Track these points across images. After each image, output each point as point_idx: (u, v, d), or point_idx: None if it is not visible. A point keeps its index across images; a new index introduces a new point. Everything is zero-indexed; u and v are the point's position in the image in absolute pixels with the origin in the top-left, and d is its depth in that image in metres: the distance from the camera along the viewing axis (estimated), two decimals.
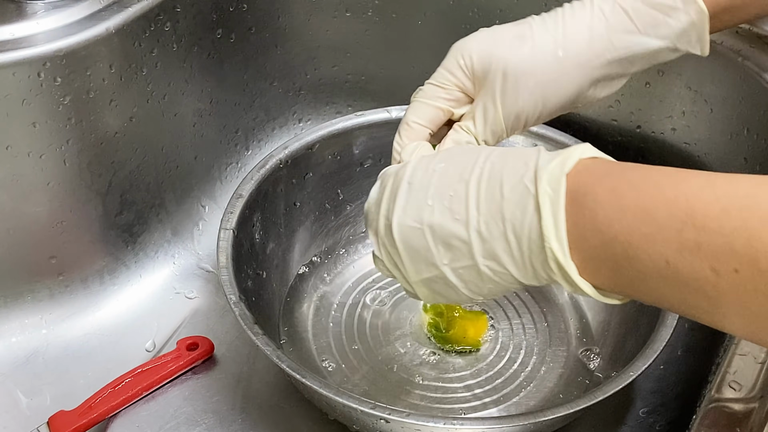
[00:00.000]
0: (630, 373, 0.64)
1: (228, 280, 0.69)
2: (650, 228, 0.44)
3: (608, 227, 0.46)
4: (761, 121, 0.75)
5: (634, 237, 0.45)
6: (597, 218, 0.46)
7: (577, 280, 0.48)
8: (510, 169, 0.50)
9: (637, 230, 0.45)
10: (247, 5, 0.86)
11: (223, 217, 0.73)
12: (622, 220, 0.45)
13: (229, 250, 0.71)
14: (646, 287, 0.46)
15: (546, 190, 0.48)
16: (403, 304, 0.80)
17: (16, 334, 0.80)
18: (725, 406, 0.56)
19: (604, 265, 0.47)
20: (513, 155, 0.51)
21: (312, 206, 0.82)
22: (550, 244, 0.47)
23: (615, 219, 0.46)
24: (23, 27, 0.72)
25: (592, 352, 0.77)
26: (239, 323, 0.66)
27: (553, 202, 0.48)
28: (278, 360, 0.64)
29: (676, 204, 0.44)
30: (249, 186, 0.76)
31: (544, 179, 0.48)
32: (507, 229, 0.49)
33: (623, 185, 0.46)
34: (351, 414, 0.64)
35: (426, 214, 0.53)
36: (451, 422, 0.61)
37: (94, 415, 0.72)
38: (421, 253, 0.53)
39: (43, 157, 0.75)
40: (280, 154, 0.79)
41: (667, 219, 0.44)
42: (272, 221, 0.79)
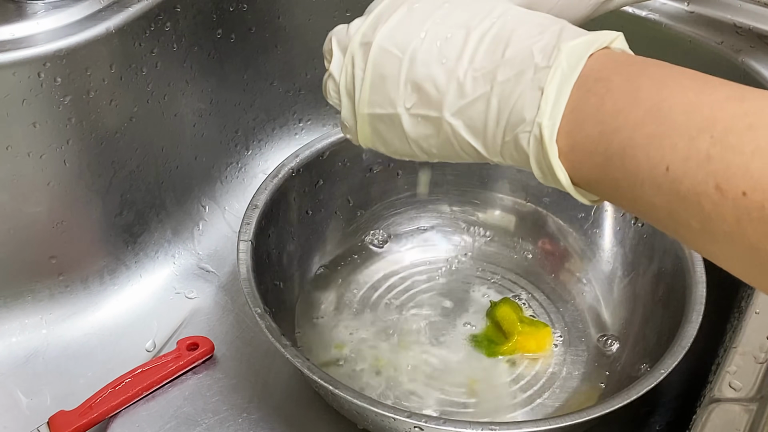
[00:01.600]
0: (661, 371, 0.64)
1: (251, 293, 0.69)
2: (661, 128, 0.41)
3: (613, 118, 0.42)
4: None
5: (639, 134, 0.41)
6: (603, 107, 0.43)
7: (555, 164, 0.44)
8: (522, 32, 0.46)
9: (644, 127, 0.41)
10: (247, 5, 0.86)
11: (240, 229, 0.73)
12: (631, 114, 0.42)
13: (248, 262, 0.71)
14: (633, 191, 0.42)
15: (561, 64, 0.44)
16: (417, 308, 0.80)
17: (16, 334, 0.80)
18: (725, 406, 0.56)
19: (592, 159, 0.43)
20: (531, 20, 0.47)
21: (324, 214, 0.82)
22: (540, 119, 0.44)
23: (623, 110, 0.42)
24: (23, 27, 0.72)
25: (613, 351, 0.77)
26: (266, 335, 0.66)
27: (564, 78, 0.44)
28: (309, 372, 0.63)
29: (698, 109, 0.40)
30: (264, 196, 0.76)
31: (564, 52, 0.44)
32: (493, 92, 0.45)
33: (642, 78, 0.43)
34: (384, 423, 0.63)
35: (414, 44, 0.47)
36: (489, 428, 0.60)
37: (94, 415, 0.72)
38: (388, 84, 0.48)
39: (43, 157, 0.75)
40: (292, 162, 0.79)
41: (683, 122, 0.40)
42: (286, 230, 0.79)
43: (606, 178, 0.43)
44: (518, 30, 0.46)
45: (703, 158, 0.39)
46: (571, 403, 0.73)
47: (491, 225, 0.86)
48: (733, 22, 0.78)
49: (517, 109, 0.45)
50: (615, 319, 0.79)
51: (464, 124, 0.47)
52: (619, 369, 0.75)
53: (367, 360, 0.76)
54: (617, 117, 0.42)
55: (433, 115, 0.48)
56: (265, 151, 0.94)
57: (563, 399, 0.74)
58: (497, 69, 0.45)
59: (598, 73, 0.44)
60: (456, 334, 0.78)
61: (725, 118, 0.39)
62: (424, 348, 0.77)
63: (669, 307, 0.71)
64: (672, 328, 0.67)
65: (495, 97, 0.45)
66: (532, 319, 0.79)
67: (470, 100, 0.46)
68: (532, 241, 0.85)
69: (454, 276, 0.83)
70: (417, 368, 0.76)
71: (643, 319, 0.76)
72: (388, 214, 0.86)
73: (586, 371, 0.76)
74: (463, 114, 0.47)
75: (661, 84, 0.42)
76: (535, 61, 0.45)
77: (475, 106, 0.46)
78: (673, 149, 0.40)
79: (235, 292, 0.84)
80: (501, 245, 0.86)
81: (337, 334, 0.78)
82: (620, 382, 0.72)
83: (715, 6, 0.79)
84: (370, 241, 0.85)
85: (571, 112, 0.44)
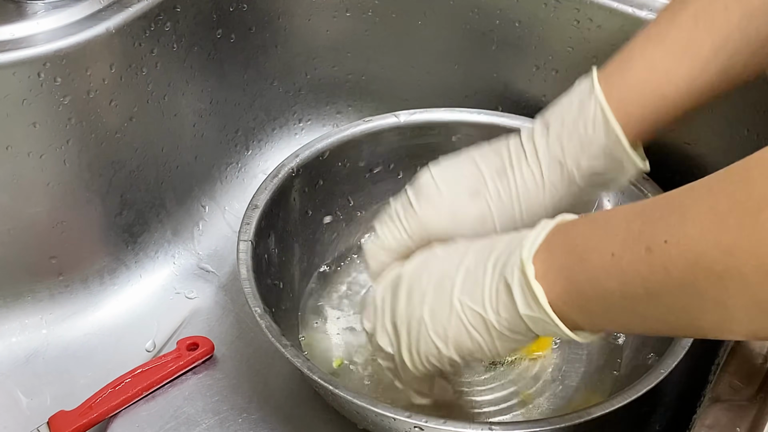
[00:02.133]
0: (661, 371, 0.64)
1: (251, 293, 0.68)
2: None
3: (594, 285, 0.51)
4: (761, 121, 0.75)
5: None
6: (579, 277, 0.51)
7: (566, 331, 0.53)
8: (495, 257, 0.56)
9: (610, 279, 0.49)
10: (247, 5, 0.86)
11: (240, 229, 0.73)
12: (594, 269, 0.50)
13: (249, 262, 0.71)
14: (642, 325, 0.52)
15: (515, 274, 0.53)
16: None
17: (16, 334, 0.80)
18: (725, 405, 0.56)
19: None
20: (489, 245, 0.57)
21: (323, 214, 0.82)
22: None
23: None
24: (23, 27, 0.72)
25: (615, 346, 0.76)
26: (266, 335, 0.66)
27: (521, 283, 0.53)
28: (309, 372, 0.63)
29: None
30: (264, 196, 0.76)
31: (525, 250, 0.53)
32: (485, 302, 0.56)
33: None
34: (384, 423, 0.63)
35: (422, 329, 0.59)
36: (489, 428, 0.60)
37: (94, 415, 0.72)
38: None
39: (43, 157, 0.75)
40: (292, 162, 0.79)
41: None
42: (286, 230, 0.78)
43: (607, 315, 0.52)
44: (491, 256, 0.56)
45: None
46: (574, 402, 0.73)
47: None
48: None
49: (502, 300, 0.55)
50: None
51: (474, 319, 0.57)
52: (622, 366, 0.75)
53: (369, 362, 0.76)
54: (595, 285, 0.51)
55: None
56: (265, 151, 0.94)
57: (565, 398, 0.74)
58: (483, 285, 0.56)
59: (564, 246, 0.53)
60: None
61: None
62: None
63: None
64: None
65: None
66: None
67: (471, 305, 0.57)
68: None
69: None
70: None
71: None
72: None
73: (586, 370, 0.76)
74: (470, 314, 0.57)
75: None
76: (505, 278, 0.54)
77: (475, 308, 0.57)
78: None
79: (235, 292, 0.84)
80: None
81: (338, 338, 0.78)
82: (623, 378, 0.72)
83: None
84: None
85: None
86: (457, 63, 0.90)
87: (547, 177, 0.63)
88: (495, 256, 0.56)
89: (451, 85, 0.90)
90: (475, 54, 0.88)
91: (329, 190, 0.82)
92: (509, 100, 0.79)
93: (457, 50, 0.89)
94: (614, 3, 0.79)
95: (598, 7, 0.80)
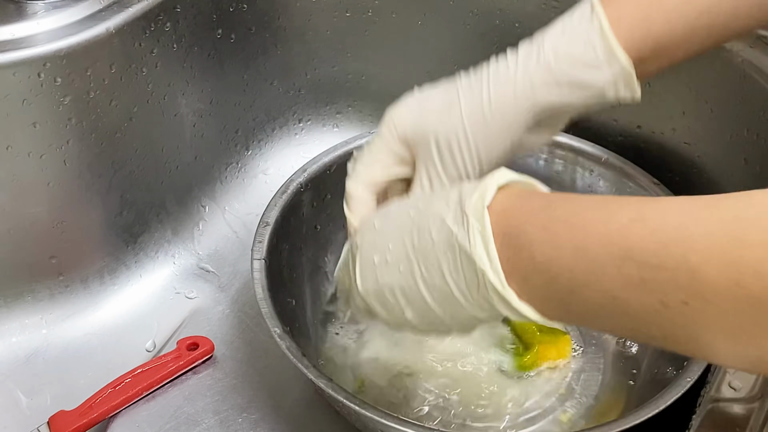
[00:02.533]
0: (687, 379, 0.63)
1: (269, 312, 0.68)
2: (590, 265, 0.44)
3: (548, 266, 0.46)
4: (761, 121, 0.75)
5: (576, 274, 0.45)
6: (535, 258, 0.46)
7: (519, 306, 0.48)
8: (434, 212, 0.52)
9: (577, 268, 0.45)
10: (247, 5, 0.86)
11: (253, 247, 0.73)
12: (561, 259, 0.45)
13: (263, 281, 0.70)
14: (597, 321, 0.47)
15: (474, 225, 0.48)
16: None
17: (16, 334, 0.80)
18: (725, 406, 0.56)
19: (552, 302, 0.47)
20: (436, 197, 0.53)
21: (332, 228, 0.81)
22: (487, 277, 0.48)
23: (553, 258, 0.46)
24: (23, 27, 0.72)
25: (630, 355, 0.76)
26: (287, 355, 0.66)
27: (483, 236, 0.48)
28: (334, 392, 0.63)
29: (610, 240, 0.44)
30: (274, 213, 0.75)
31: (470, 214, 0.49)
32: (444, 271, 0.50)
33: (554, 223, 0.46)
34: None
35: (379, 274, 0.55)
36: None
37: (94, 415, 0.72)
38: (392, 305, 0.55)
39: (43, 157, 0.75)
40: (300, 177, 0.79)
41: (605, 256, 0.44)
42: (297, 246, 0.78)
43: (572, 314, 0.47)
44: (430, 212, 0.52)
45: (637, 282, 0.42)
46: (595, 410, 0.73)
47: None
48: None
49: (468, 276, 0.49)
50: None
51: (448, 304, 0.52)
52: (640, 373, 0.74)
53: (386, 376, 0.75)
54: (551, 266, 0.46)
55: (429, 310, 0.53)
56: (265, 151, 0.94)
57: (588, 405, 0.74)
58: (436, 253, 0.51)
59: (516, 228, 0.48)
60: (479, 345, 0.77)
61: (637, 241, 0.43)
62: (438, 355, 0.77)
63: None
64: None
65: (449, 276, 0.50)
66: (549, 327, 0.78)
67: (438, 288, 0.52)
68: None
69: None
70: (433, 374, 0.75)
71: None
72: None
73: (604, 378, 0.75)
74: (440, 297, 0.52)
75: (571, 225, 0.46)
76: (454, 233, 0.49)
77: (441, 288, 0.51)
78: (610, 280, 0.43)
79: (235, 292, 0.84)
80: None
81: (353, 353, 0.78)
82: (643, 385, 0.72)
83: None
84: None
85: (513, 268, 0.47)
86: (457, 63, 0.89)
87: (521, 61, 0.61)
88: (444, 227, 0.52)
89: None
90: (475, 54, 0.87)
91: (337, 204, 0.81)
92: None
93: (457, 50, 0.89)
94: None
95: None
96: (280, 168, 0.93)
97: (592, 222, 0.45)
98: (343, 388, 0.64)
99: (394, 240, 0.54)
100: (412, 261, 0.52)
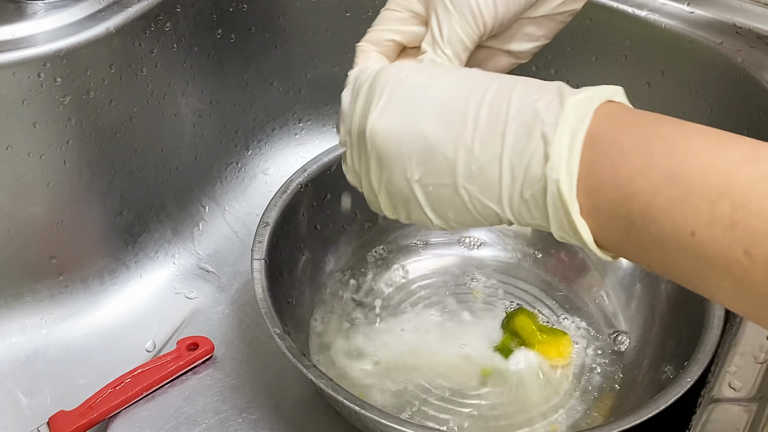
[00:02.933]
0: (687, 379, 0.63)
1: (269, 313, 0.68)
2: (680, 192, 0.40)
3: (630, 182, 0.42)
4: (761, 121, 0.75)
5: (659, 198, 0.41)
6: (618, 169, 0.42)
7: (578, 221, 0.44)
8: (521, 92, 0.46)
9: (663, 191, 0.41)
10: (247, 5, 0.86)
11: (253, 247, 0.72)
12: (648, 177, 0.41)
13: (263, 282, 0.70)
14: (659, 254, 0.42)
15: (568, 119, 0.44)
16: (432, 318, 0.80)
17: (16, 334, 0.80)
18: (725, 406, 0.56)
19: (615, 222, 0.43)
20: (526, 82, 0.47)
21: (332, 228, 0.82)
22: (558, 175, 0.43)
23: (639, 174, 0.42)
24: (23, 27, 0.72)
25: (630, 355, 0.76)
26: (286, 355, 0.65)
27: (574, 133, 0.43)
28: (333, 392, 0.63)
29: (715, 173, 0.40)
30: (274, 213, 0.75)
31: (568, 107, 0.44)
32: (504, 152, 0.45)
33: (655, 139, 0.42)
34: None
35: (411, 118, 0.48)
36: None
37: (94, 415, 0.72)
38: (394, 161, 0.49)
39: (43, 157, 0.75)
40: (300, 177, 0.78)
41: (701, 187, 0.40)
42: (296, 246, 0.78)
43: (630, 240, 0.43)
44: (516, 90, 0.46)
45: (727, 223, 0.39)
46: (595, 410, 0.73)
47: (506, 236, 0.86)
48: (733, 22, 0.78)
49: (533, 167, 0.44)
50: (632, 326, 0.78)
51: (479, 188, 0.47)
52: (642, 373, 0.75)
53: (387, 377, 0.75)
54: (634, 180, 0.42)
55: (446, 183, 0.48)
56: (265, 151, 0.94)
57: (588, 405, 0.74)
58: (505, 129, 0.45)
59: (609, 134, 0.43)
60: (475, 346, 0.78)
61: (743, 181, 0.39)
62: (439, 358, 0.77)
63: (686, 314, 0.71)
64: (692, 335, 0.67)
65: (507, 158, 0.45)
66: (549, 327, 0.78)
67: (482, 164, 0.46)
68: (549, 253, 0.84)
69: (467, 288, 0.82)
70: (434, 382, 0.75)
71: (660, 328, 0.75)
72: (396, 227, 0.85)
73: (604, 378, 0.76)
74: (476, 178, 0.46)
75: (673, 146, 0.42)
76: (542, 118, 0.44)
77: (487, 168, 0.46)
78: (696, 214, 0.40)
79: (235, 292, 0.84)
80: (515, 257, 0.85)
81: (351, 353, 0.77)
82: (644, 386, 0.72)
83: (715, 6, 0.79)
84: (379, 255, 0.85)
85: (588, 172, 0.43)
86: None
87: None
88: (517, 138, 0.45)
89: None
90: None
91: (337, 204, 0.82)
92: None
93: None
94: (614, 3, 0.79)
95: (598, 7, 0.80)
96: (280, 168, 0.93)
97: (697, 149, 0.41)
98: (343, 388, 0.64)
99: (455, 98, 0.47)
100: (468, 127, 0.46)
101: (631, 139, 0.43)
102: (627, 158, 0.42)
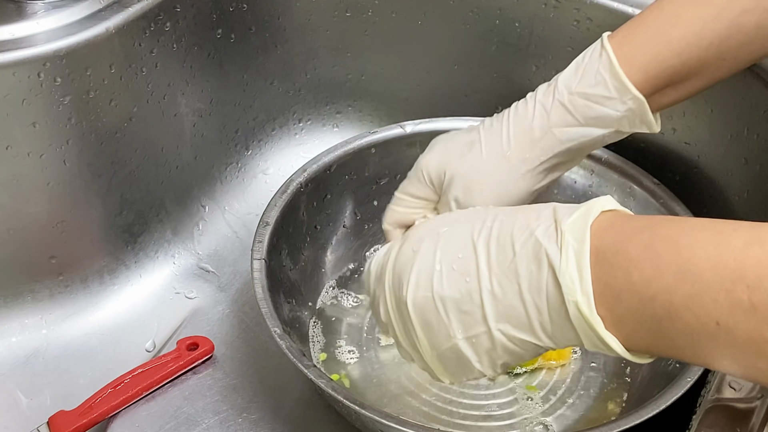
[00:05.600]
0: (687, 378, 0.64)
1: (269, 313, 0.68)
2: (695, 287, 0.42)
3: (646, 287, 0.44)
4: (761, 121, 0.75)
5: (677, 297, 0.43)
6: (632, 278, 0.44)
7: (604, 335, 0.45)
8: (521, 224, 0.49)
9: (679, 290, 0.42)
10: (247, 5, 0.86)
11: (253, 247, 0.73)
12: (662, 280, 0.43)
13: (264, 281, 0.70)
14: (692, 349, 0.44)
15: (570, 242, 0.46)
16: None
17: (16, 334, 0.80)
18: (725, 406, 0.56)
19: (642, 327, 0.45)
20: (523, 211, 0.50)
21: (332, 228, 0.82)
22: (574, 297, 0.45)
23: (653, 278, 0.43)
24: (23, 27, 0.72)
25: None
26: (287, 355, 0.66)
27: (578, 255, 0.46)
28: (334, 392, 0.63)
29: (723, 263, 0.41)
30: (274, 213, 0.75)
31: (567, 231, 0.46)
32: (522, 287, 0.48)
33: (657, 242, 0.44)
34: None
35: (435, 281, 0.51)
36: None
37: (94, 415, 0.72)
38: (435, 325, 0.52)
39: (43, 157, 0.75)
40: (300, 177, 0.79)
41: (713, 278, 0.41)
42: (296, 246, 0.78)
43: (660, 340, 0.45)
44: (516, 224, 0.49)
45: (747, 308, 0.40)
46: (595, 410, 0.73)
47: None
48: None
49: (551, 295, 0.46)
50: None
51: (511, 325, 0.49)
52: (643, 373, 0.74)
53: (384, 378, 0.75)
54: (650, 285, 0.43)
55: (482, 330, 0.50)
56: (265, 151, 0.94)
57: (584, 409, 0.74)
58: (516, 266, 0.48)
59: (614, 246, 0.45)
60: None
61: (753, 265, 0.41)
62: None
63: None
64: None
65: (526, 292, 0.48)
66: None
67: (506, 303, 0.48)
68: None
69: None
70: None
71: None
72: None
73: (604, 378, 0.76)
74: (505, 317, 0.49)
75: (677, 245, 0.43)
76: (544, 246, 0.47)
77: (512, 305, 0.48)
78: (716, 305, 0.41)
79: (235, 292, 0.84)
80: None
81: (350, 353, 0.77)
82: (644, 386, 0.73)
83: None
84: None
85: (605, 287, 0.45)
86: (456, 63, 0.90)
87: (539, 99, 0.64)
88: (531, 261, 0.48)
89: (450, 85, 0.90)
90: (475, 54, 0.88)
91: (337, 204, 0.82)
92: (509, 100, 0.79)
93: (457, 50, 0.89)
94: (614, 3, 0.79)
95: (598, 7, 0.80)
96: (280, 168, 0.93)
97: (701, 243, 0.43)
98: (343, 388, 0.64)
99: (465, 249, 0.51)
100: (483, 273, 0.49)
101: (635, 248, 0.45)
102: (637, 266, 0.44)
